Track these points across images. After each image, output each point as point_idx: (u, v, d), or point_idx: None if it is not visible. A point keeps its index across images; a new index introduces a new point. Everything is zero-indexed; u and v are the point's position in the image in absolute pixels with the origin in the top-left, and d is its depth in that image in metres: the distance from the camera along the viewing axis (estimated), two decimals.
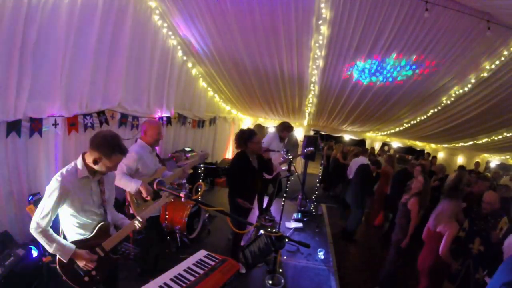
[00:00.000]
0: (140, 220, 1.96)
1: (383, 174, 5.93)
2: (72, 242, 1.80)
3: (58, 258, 1.75)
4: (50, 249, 1.71)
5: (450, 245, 2.75)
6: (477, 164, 8.97)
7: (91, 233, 1.86)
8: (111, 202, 2.07)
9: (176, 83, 5.72)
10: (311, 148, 5.50)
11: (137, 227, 1.96)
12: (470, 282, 2.92)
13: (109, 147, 1.73)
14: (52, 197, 1.67)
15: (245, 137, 3.48)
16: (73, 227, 1.83)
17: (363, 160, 5.56)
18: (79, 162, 1.79)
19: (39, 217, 1.70)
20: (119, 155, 1.78)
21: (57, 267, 1.75)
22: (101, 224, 1.90)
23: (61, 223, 1.86)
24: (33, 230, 1.71)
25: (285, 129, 5.04)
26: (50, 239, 1.71)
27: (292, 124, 5.24)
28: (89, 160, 1.76)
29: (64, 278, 1.76)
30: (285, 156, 4.30)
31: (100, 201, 1.90)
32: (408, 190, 3.66)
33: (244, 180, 3.38)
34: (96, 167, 1.76)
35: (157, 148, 3.06)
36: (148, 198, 2.64)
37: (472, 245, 2.99)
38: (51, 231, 1.75)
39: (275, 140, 4.99)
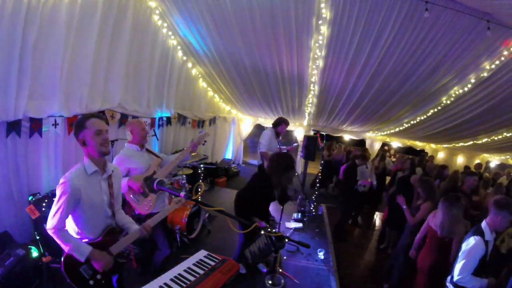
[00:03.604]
0: (146, 229, 2.00)
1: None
2: None
3: (64, 259, 1.73)
4: (65, 248, 1.71)
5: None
6: (479, 165, 8.90)
7: (97, 236, 1.83)
8: (119, 202, 2.07)
9: (176, 83, 5.72)
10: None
11: (143, 235, 1.98)
12: None
13: (82, 118, 1.77)
14: (63, 197, 1.66)
15: (288, 166, 2.93)
16: (79, 229, 1.80)
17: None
18: (85, 159, 1.80)
19: (51, 217, 1.69)
20: (92, 118, 1.77)
21: (62, 268, 1.74)
22: (109, 228, 1.87)
23: (67, 224, 1.84)
24: (48, 230, 1.71)
25: (283, 122, 4.88)
26: (65, 239, 1.71)
27: (292, 124, 5.23)
28: (85, 149, 1.77)
29: (68, 280, 1.75)
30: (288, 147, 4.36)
31: (109, 201, 1.89)
32: (418, 195, 3.64)
33: (260, 207, 3.05)
34: (90, 150, 1.76)
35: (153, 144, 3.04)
36: (141, 190, 2.64)
37: None
38: (66, 231, 1.74)
39: (273, 137, 4.92)
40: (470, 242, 2.24)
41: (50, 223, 1.69)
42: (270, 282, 1.71)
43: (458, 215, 2.75)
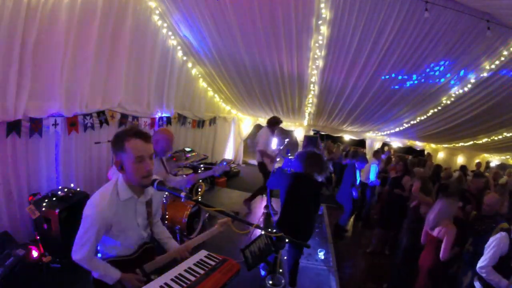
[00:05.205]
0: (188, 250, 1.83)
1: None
2: (111, 260, 1.62)
3: (93, 281, 1.60)
4: (94, 274, 1.58)
5: (450, 251, 2.71)
6: (479, 164, 8.91)
7: (132, 253, 1.67)
8: (159, 214, 1.92)
9: (176, 83, 5.72)
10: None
11: (181, 257, 1.79)
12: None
13: (122, 135, 1.43)
14: (92, 229, 1.44)
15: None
16: (111, 247, 1.64)
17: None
18: (120, 181, 1.53)
19: (79, 249, 1.48)
20: (133, 139, 1.41)
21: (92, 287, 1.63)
22: (146, 246, 1.72)
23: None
24: (74, 258, 1.51)
25: (280, 121, 5.29)
26: (94, 267, 1.54)
27: (292, 124, 5.28)
28: (121, 174, 1.51)
29: None
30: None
31: (147, 223, 1.69)
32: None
33: None
34: (128, 177, 1.48)
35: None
36: None
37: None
38: (94, 258, 1.56)
39: (269, 135, 5.07)
40: (496, 236, 2.36)
41: (78, 255, 1.47)
42: (270, 282, 1.71)
43: (453, 210, 2.88)
